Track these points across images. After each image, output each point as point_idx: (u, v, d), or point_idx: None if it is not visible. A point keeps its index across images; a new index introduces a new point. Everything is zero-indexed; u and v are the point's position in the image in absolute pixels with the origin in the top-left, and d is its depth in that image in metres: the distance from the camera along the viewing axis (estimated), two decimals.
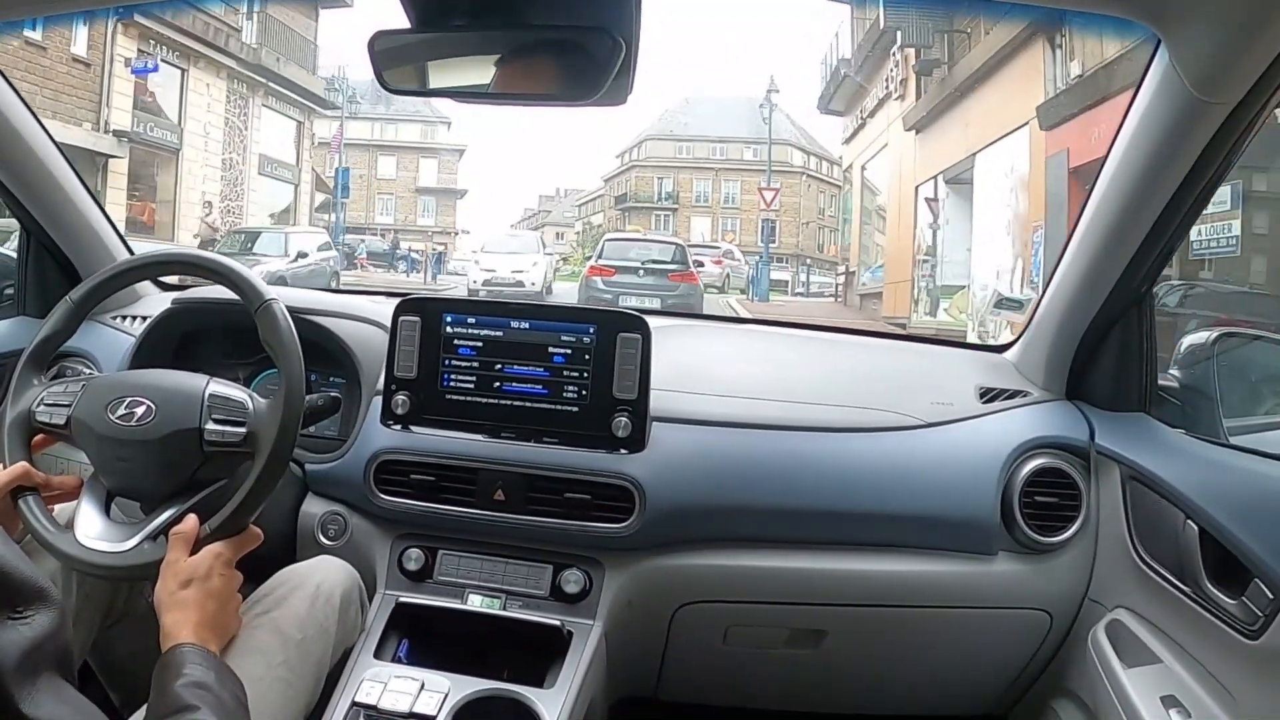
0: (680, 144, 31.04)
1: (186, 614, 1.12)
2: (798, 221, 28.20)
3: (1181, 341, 1.76)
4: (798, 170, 28.90)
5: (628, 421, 1.53)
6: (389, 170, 30.36)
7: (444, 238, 29.17)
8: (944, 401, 1.69)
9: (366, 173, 29.08)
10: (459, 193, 31.21)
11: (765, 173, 26.45)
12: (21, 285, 2.00)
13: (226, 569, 1.20)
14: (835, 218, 27.54)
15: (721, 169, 30.27)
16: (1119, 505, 1.55)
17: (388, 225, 28.66)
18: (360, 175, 28.24)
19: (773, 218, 23.91)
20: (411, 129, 30.30)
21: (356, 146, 27.91)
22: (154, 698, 1.03)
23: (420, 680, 1.38)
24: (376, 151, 29.83)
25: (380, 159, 30.13)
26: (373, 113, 28.23)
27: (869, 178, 20.86)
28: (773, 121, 25.31)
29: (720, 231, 29.25)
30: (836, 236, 27.09)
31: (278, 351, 1.28)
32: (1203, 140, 1.28)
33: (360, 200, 28.27)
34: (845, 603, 1.62)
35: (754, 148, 29.16)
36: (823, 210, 28.75)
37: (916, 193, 16.71)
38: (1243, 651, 1.23)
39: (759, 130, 28.06)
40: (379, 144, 29.76)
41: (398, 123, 29.81)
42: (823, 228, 28.60)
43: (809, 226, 28.53)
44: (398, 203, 30.34)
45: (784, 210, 27.20)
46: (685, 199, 30.39)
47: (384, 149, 30.11)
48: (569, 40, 1.07)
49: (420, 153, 30.51)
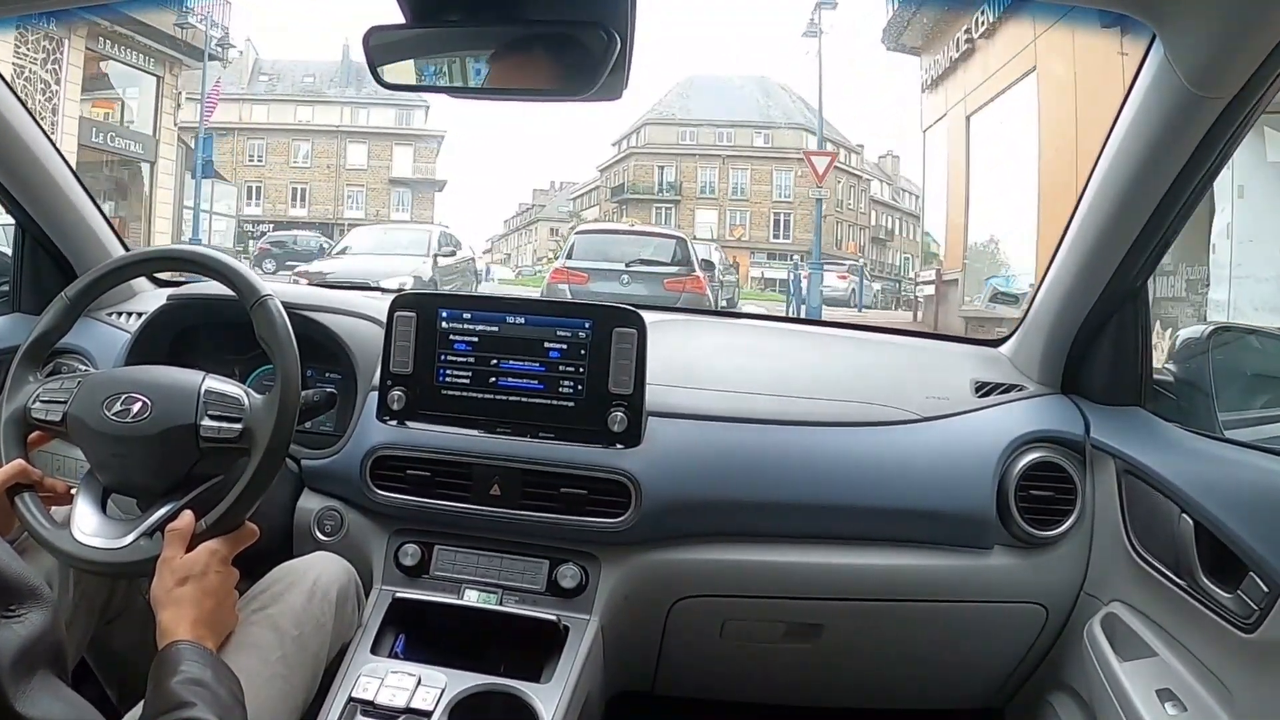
0: (683, 129, 28.68)
1: (183, 611, 1.12)
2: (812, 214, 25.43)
3: (1177, 335, 1.76)
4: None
5: (623, 416, 1.53)
6: (359, 159, 27.92)
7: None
8: (939, 396, 1.69)
9: (335, 162, 27.22)
10: (437, 184, 28.85)
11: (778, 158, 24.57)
12: (16, 282, 1.99)
13: (223, 566, 1.20)
14: (855, 210, 25.88)
15: (729, 156, 27.76)
16: (1114, 499, 1.56)
17: (357, 220, 25.73)
18: (328, 165, 26.72)
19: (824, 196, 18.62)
20: (385, 114, 27.79)
21: (323, 132, 26.54)
22: (150, 695, 1.03)
23: (417, 675, 1.38)
24: (345, 138, 27.66)
25: (349, 146, 27.77)
26: (342, 96, 26.66)
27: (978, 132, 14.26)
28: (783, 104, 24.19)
29: (728, 225, 27.22)
30: (855, 232, 25.38)
31: (273, 347, 1.28)
32: (1198, 134, 1.28)
33: (326, 192, 26.69)
34: (841, 597, 1.62)
35: (764, 133, 27.33)
36: (840, 202, 26.55)
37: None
38: (1238, 645, 1.24)
39: (769, 114, 26.50)
40: (348, 130, 27.67)
41: (369, 107, 27.31)
42: (841, 222, 26.56)
43: (826, 220, 25.20)
44: (369, 195, 27.92)
45: (797, 201, 25.67)
46: (689, 190, 28.06)
47: (353, 135, 27.74)
48: (563, 35, 1.07)
49: (394, 139, 28.10)
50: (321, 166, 26.47)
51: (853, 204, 26.43)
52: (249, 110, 26.34)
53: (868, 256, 25.52)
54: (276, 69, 27.58)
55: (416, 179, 28.23)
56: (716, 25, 42.36)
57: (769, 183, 26.78)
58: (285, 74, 27.48)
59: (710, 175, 27.97)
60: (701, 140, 28.28)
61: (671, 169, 28.31)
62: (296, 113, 26.86)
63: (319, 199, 26.14)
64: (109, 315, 1.92)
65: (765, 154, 26.65)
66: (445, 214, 27.93)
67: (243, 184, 25.07)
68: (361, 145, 27.81)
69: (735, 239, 25.89)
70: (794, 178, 25.87)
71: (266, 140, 26.42)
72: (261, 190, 25.97)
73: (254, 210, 25.32)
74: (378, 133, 27.86)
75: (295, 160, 25.68)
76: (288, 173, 26.52)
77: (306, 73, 27.48)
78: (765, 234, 26.29)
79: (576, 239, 11.39)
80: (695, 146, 28.27)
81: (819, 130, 21.22)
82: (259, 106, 26.48)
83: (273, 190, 26.06)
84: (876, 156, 29.24)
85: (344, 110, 27.35)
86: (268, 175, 26.15)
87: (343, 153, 27.59)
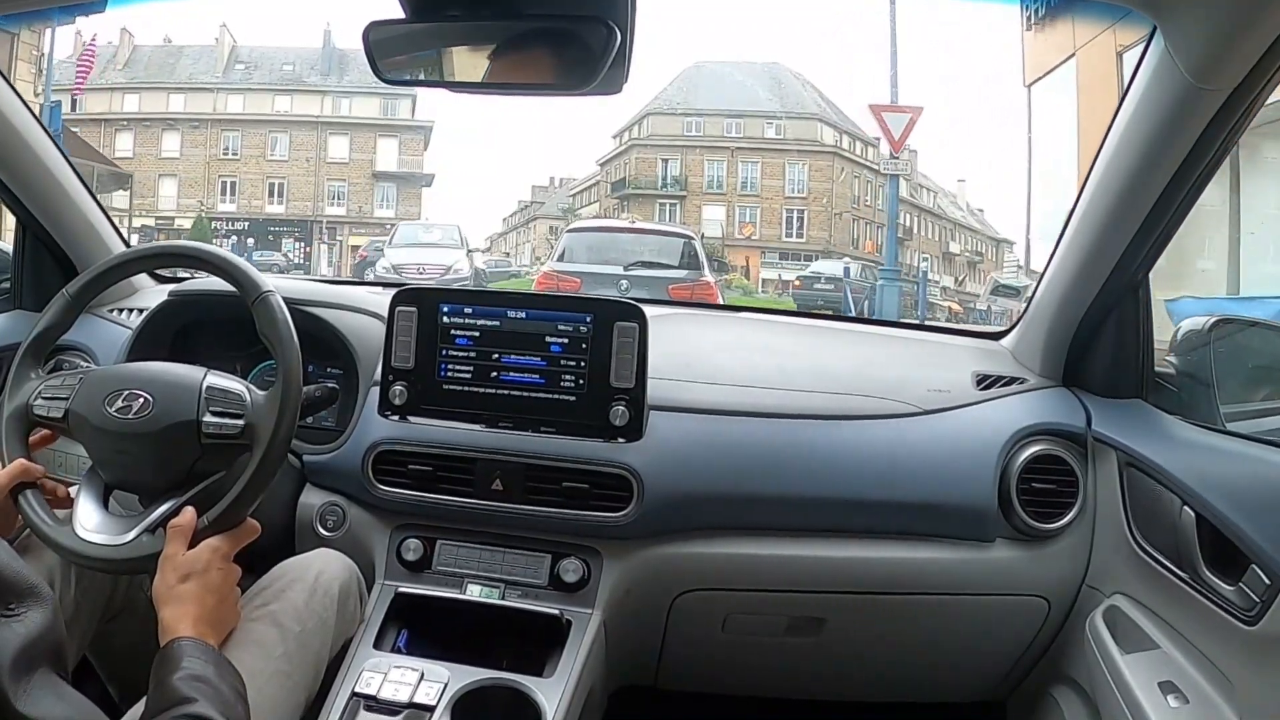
0: (688, 119, 25.99)
1: (185, 608, 1.12)
2: (829, 211, 24.01)
3: (1179, 327, 1.76)
4: (828, 149, 24.39)
5: (625, 410, 1.53)
6: (340, 152, 25.43)
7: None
8: (941, 389, 1.69)
9: (315, 155, 25.20)
10: (424, 178, 26.33)
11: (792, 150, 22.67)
12: (17, 279, 2.00)
13: (225, 563, 1.20)
14: (873, 207, 23.84)
15: (739, 148, 25.15)
16: (1116, 491, 1.56)
17: (339, 217, 24.71)
18: (307, 159, 24.91)
19: (905, 172, 14.24)
20: (368, 104, 25.42)
21: (302, 123, 24.89)
22: (152, 691, 1.03)
23: (420, 670, 1.38)
24: (326, 130, 25.25)
25: (331, 138, 25.35)
26: (323, 84, 24.93)
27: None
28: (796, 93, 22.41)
29: (736, 223, 25.12)
30: (873, 230, 23.45)
31: (275, 344, 1.28)
32: (1199, 126, 1.28)
33: (306, 187, 24.83)
34: (843, 590, 1.62)
35: (776, 123, 25.11)
36: (858, 198, 24.71)
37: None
38: (1240, 637, 1.24)
39: (782, 102, 24.68)
40: (329, 121, 25.26)
41: (352, 96, 25.13)
42: (858, 219, 24.64)
43: (842, 218, 24.22)
44: (351, 190, 25.46)
45: (811, 197, 24.06)
46: (694, 184, 25.36)
47: (334, 127, 25.29)
48: (564, 29, 1.07)
49: (378, 131, 25.65)
50: (300, 160, 24.85)
51: (870, 200, 24.51)
52: (224, 101, 24.97)
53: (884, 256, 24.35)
54: (254, 57, 25.80)
55: (402, 173, 25.94)
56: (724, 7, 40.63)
57: (781, 177, 24.86)
58: (263, 62, 25.79)
59: (718, 169, 25.43)
60: (708, 131, 25.76)
61: (676, 162, 25.77)
62: (274, 102, 25.18)
63: (297, 194, 24.49)
64: (110, 312, 1.92)
65: (778, 146, 24.72)
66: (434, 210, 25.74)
67: (216, 179, 23.92)
68: (343, 137, 25.62)
69: (745, 237, 24.44)
70: (808, 171, 24.36)
71: (241, 132, 24.90)
72: (236, 185, 24.40)
73: (228, 207, 23.89)
74: (361, 123, 25.69)
75: (272, 153, 24.30)
76: (264, 166, 24.89)
77: (286, 60, 25.81)
78: (777, 232, 24.41)
79: (568, 238, 10.11)
80: (701, 138, 25.73)
81: (893, 74, 16.35)
82: (234, 96, 24.97)
83: (248, 185, 24.47)
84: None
85: (325, 100, 25.37)
86: (242, 170, 24.64)
87: (323, 145, 25.43)
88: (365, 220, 24.49)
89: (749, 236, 24.47)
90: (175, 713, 0.98)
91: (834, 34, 47.78)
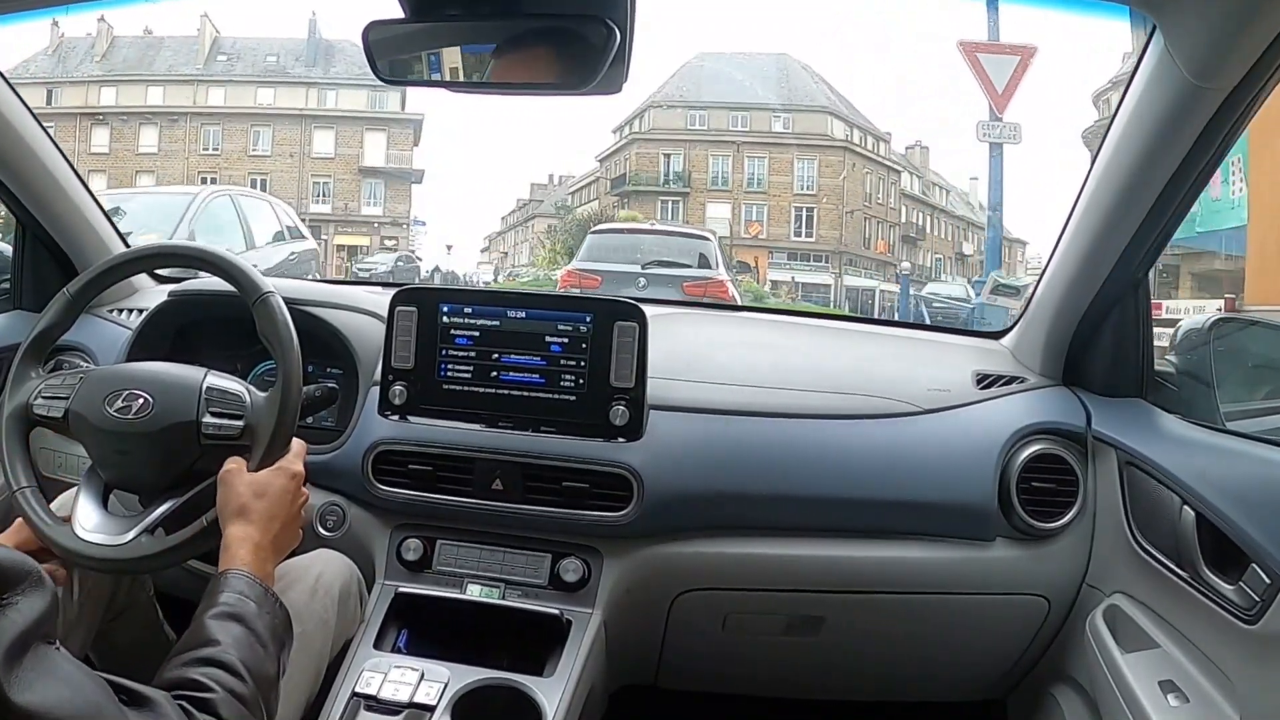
0: (691, 112, 25.31)
1: (248, 529, 1.15)
2: (839, 209, 23.37)
3: (1179, 326, 1.76)
4: (839, 144, 23.91)
5: (625, 410, 1.53)
6: (326, 146, 24.77)
7: (395, 230, 24.30)
8: (941, 388, 1.69)
9: (299, 150, 24.47)
10: (414, 174, 25.50)
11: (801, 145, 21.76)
12: (17, 279, 2.00)
13: (297, 486, 1.24)
14: (885, 205, 23.25)
15: (745, 143, 24.42)
16: (1116, 490, 1.56)
17: (323, 215, 23.44)
18: (291, 154, 24.33)
19: (1010, 137, 11.09)
20: (355, 97, 24.64)
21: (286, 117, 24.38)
22: (192, 626, 1.04)
23: (420, 670, 1.39)
24: (310, 123, 24.64)
25: (316, 132, 24.70)
26: (308, 75, 24.36)
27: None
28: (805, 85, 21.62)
29: (743, 221, 24.20)
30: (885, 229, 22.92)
31: (275, 344, 1.28)
32: (1198, 125, 1.28)
33: (289, 184, 23.88)
34: (843, 589, 1.62)
35: (784, 117, 24.27)
36: (869, 195, 24.17)
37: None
38: (1240, 636, 1.24)
39: (790, 94, 23.99)
40: (314, 114, 24.71)
41: (338, 89, 24.51)
42: (870, 218, 23.96)
43: (854, 216, 23.64)
44: (336, 186, 24.74)
45: (821, 194, 23.42)
46: (698, 180, 24.65)
47: (320, 120, 24.65)
48: (563, 29, 1.07)
49: (365, 124, 24.95)
50: (284, 155, 24.31)
51: (882, 198, 23.98)
52: (205, 93, 24.30)
53: (897, 257, 23.18)
54: (236, 48, 25.20)
55: (390, 169, 25.15)
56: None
57: (789, 173, 24.15)
58: (246, 53, 25.18)
59: (722, 164, 24.67)
60: (713, 125, 25.01)
61: (679, 157, 25.01)
62: (257, 95, 24.61)
63: (281, 191, 22.76)
64: (110, 312, 1.92)
65: (786, 140, 23.72)
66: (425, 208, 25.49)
67: (196, 175, 22.90)
68: (329, 131, 24.89)
69: (752, 236, 23.74)
70: (818, 167, 23.72)
71: (223, 126, 24.26)
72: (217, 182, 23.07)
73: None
74: (347, 117, 25.03)
75: (255, 148, 23.79)
76: (246, 162, 24.23)
77: (269, 52, 25.20)
78: (786, 230, 23.68)
79: (591, 239, 10.52)
80: (706, 131, 24.96)
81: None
82: (215, 89, 24.39)
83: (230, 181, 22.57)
84: (904, 147, 26.45)
85: (310, 92, 24.76)
86: (223, 166, 23.84)
87: (308, 139, 24.73)
88: (351, 218, 24.14)
89: (756, 235, 23.86)
90: (198, 654, 0.99)
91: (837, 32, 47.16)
